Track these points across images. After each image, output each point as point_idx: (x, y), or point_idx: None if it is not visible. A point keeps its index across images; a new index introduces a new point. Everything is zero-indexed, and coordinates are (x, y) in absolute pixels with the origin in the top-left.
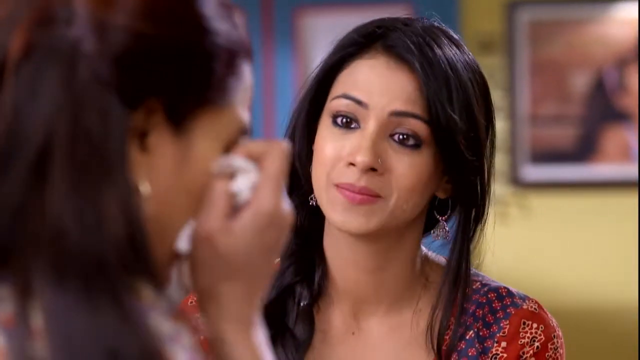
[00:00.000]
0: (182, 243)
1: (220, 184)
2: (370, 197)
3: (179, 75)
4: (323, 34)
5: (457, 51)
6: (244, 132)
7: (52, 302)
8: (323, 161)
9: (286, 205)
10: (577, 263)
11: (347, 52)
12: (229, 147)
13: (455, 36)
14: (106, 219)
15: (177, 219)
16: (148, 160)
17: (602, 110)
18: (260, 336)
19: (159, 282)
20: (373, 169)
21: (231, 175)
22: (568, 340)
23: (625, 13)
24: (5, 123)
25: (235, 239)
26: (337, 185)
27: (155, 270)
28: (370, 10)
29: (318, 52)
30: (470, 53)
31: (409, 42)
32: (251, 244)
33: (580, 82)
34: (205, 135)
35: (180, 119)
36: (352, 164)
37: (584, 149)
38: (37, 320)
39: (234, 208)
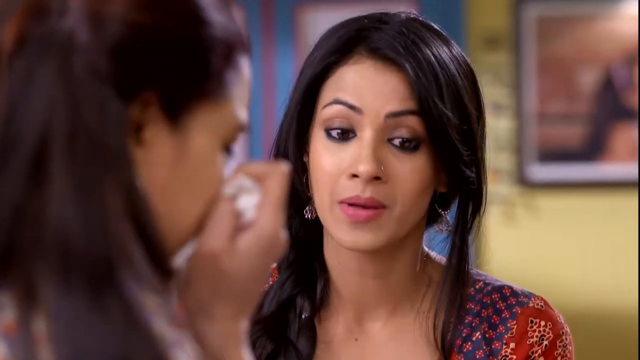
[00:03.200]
0: (180, 260)
1: (224, 202)
2: (375, 209)
3: (175, 67)
4: (324, 30)
5: (442, 44)
6: (242, 129)
7: (59, 307)
8: (323, 179)
9: (284, 231)
10: (585, 263)
11: (331, 60)
12: (227, 144)
13: (435, 27)
14: (111, 218)
15: (179, 216)
16: (144, 155)
17: (611, 108)
18: (248, 354)
19: (168, 279)
20: (377, 178)
21: (235, 193)
22: (578, 340)
23: (634, 9)
24: (0, 118)
25: (240, 261)
26: (342, 202)
27: (167, 267)
28: (373, 7)
29: None
30: (455, 43)
31: (393, 42)
32: (253, 267)
33: (588, 79)
34: (202, 130)
35: (176, 111)
36: (355, 175)
37: (593, 148)
38: (40, 326)
39: (238, 227)
